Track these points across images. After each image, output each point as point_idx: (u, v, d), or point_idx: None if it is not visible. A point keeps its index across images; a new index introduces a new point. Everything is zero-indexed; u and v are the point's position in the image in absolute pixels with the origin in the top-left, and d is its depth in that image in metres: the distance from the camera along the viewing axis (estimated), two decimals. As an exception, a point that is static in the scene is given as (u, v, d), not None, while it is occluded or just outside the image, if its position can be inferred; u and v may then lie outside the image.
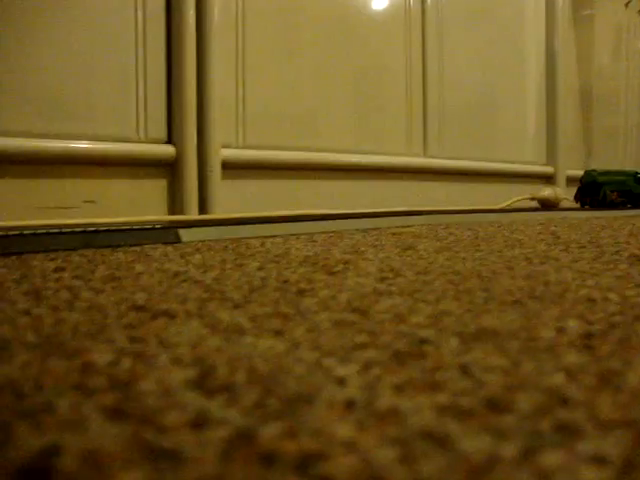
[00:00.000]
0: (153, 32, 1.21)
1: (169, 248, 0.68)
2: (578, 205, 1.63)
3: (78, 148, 1.12)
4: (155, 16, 1.21)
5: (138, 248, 0.68)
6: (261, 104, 1.35)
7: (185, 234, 0.75)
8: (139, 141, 1.19)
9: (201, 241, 0.75)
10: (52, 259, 0.60)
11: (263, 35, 1.36)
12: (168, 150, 1.21)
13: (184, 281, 0.46)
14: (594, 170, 1.63)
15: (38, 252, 0.65)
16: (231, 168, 1.28)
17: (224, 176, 1.26)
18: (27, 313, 0.36)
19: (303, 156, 1.41)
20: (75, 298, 0.41)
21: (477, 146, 1.72)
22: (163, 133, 1.22)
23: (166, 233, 0.74)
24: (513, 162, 1.46)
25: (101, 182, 1.17)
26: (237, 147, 1.30)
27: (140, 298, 0.40)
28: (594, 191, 1.61)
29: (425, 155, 1.53)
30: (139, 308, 0.37)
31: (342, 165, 1.48)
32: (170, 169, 1.23)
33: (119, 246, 0.69)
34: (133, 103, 1.19)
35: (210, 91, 1.24)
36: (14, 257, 0.62)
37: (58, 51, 1.10)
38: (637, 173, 1.69)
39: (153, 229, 0.75)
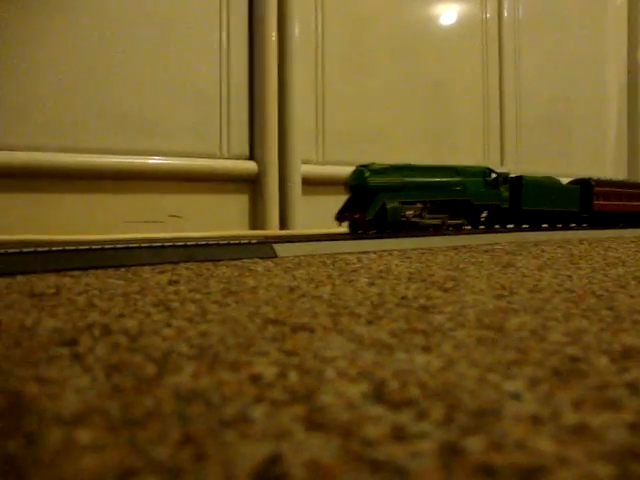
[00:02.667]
0: (236, 53, 1.24)
1: (269, 263, 0.70)
2: (344, 228, 1.00)
3: (163, 164, 1.16)
4: (238, 37, 1.24)
5: (239, 262, 0.70)
6: (338, 120, 1.37)
7: (280, 249, 0.76)
8: (222, 157, 1.22)
9: (296, 256, 0.76)
10: (161, 272, 0.62)
11: (339, 54, 1.37)
12: (250, 166, 1.23)
13: (303, 296, 0.47)
14: (366, 166, 1.00)
15: (144, 265, 0.67)
16: (310, 184, 1.29)
17: (304, 192, 1.27)
18: (168, 325, 0.37)
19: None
20: (204, 311, 0.42)
21: (555, 160, 1.70)
22: (245, 150, 1.24)
23: (263, 248, 0.75)
24: (592, 176, 1.43)
25: (185, 197, 1.20)
26: (317, 163, 1.32)
27: (269, 312, 0.41)
28: (365, 204, 0.97)
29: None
30: (274, 322, 0.38)
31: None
32: (252, 185, 1.25)
33: (219, 260, 0.71)
34: (217, 121, 1.21)
35: (291, 108, 1.26)
36: (123, 269, 0.64)
37: (151, 73, 1.14)
38: (490, 171, 1.15)
39: (249, 244, 0.76)
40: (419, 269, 0.64)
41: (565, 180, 1.36)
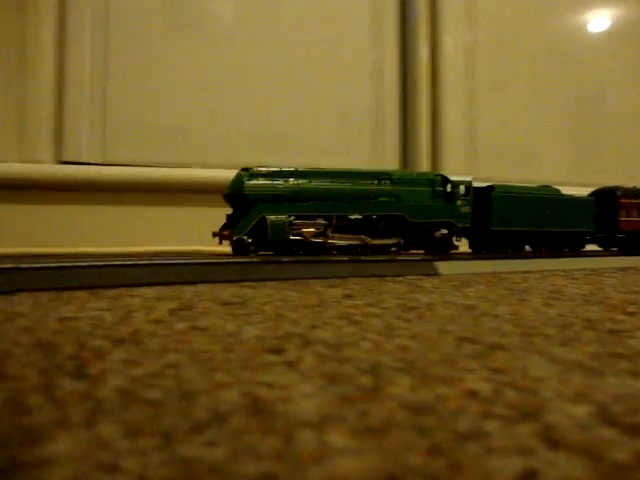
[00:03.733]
0: (389, 71, 1.25)
1: (433, 280, 0.70)
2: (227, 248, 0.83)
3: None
4: (391, 54, 1.26)
5: (404, 279, 0.71)
6: (484, 136, 1.35)
7: (441, 267, 0.77)
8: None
9: (458, 274, 0.76)
10: (331, 286, 0.64)
11: (489, 68, 1.36)
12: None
13: (483, 315, 0.48)
14: (248, 169, 0.82)
15: (314, 278, 0.69)
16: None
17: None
18: (363, 338, 0.39)
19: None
20: (390, 326, 0.43)
21: None
22: (397, 166, 1.25)
23: (424, 265, 0.76)
24: None
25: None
26: (469, 179, 1.31)
27: (455, 329, 0.42)
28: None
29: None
30: (465, 339, 0.38)
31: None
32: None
33: (384, 276, 0.72)
34: (367, 138, 1.24)
35: (443, 124, 1.26)
36: (292, 282, 0.67)
37: (304, 92, 1.18)
38: (444, 179, 0.91)
39: (411, 261, 0.77)
40: (591, 291, 0.63)
41: None
